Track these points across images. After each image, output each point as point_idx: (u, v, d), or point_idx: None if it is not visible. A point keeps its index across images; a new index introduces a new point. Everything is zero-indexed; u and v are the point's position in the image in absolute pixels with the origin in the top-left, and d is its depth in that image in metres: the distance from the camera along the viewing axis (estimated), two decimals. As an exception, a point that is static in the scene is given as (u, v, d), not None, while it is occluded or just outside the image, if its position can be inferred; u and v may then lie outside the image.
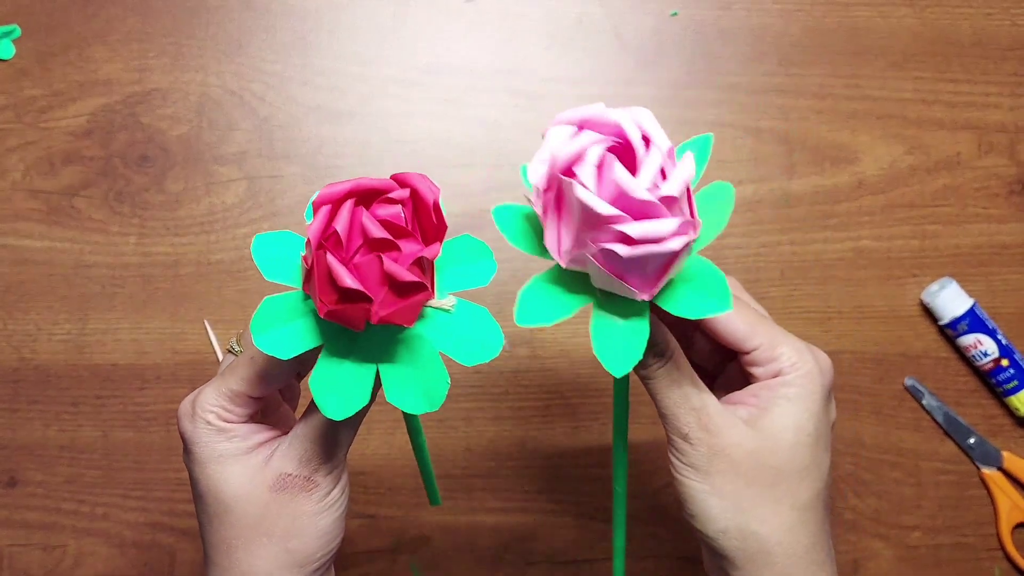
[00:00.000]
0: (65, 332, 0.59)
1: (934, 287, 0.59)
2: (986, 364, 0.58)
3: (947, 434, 0.60)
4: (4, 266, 0.60)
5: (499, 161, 0.61)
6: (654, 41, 0.62)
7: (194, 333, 0.59)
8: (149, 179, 0.61)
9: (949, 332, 0.59)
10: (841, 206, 0.61)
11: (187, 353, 0.59)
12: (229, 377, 0.36)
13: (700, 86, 0.62)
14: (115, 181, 0.60)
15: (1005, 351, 0.58)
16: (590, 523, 0.58)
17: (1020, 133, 0.62)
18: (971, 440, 0.59)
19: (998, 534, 0.59)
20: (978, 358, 0.59)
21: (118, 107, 0.61)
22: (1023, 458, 0.59)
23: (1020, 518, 0.59)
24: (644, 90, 0.62)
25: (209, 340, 0.59)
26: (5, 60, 0.62)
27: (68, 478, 0.58)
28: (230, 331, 0.59)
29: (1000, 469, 0.59)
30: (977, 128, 0.62)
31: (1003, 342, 0.58)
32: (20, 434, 0.59)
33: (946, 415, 0.59)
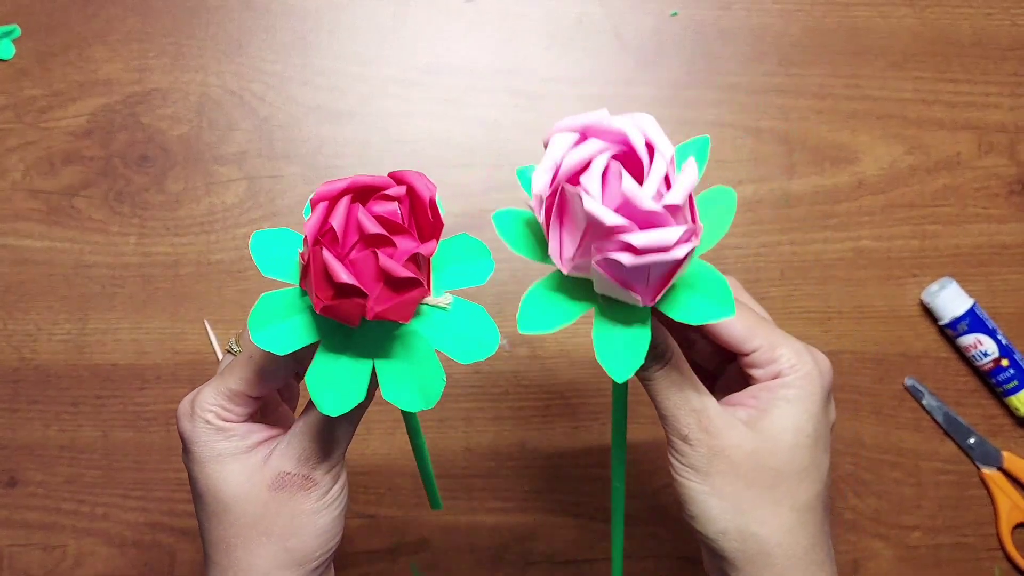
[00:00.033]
0: (65, 332, 0.59)
1: (934, 287, 0.59)
2: (986, 364, 0.58)
3: (947, 434, 0.59)
4: (4, 266, 0.60)
5: (499, 161, 0.61)
6: (654, 41, 0.62)
7: (194, 333, 0.59)
8: (149, 179, 0.61)
9: (949, 332, 0.59)
10: (841, 206, 0.61)
11: (187, 353, 0.59)
12: (228, 376, 0.36)
13: (700, 86, 0.62)
14: (115, 181, 0.61)
15: (1005, 351, 0.58)
16: (590, 523, 0.58)
17: (1020, 133, 0.62)
18: (971, 440, 0.59)
19: (998, 534, 0.59)
20: (978, 358, 0.59)
21: (118, 107, 0.61)
22: (1023, 458, 0.59)
23: (1020, 518, 0.59)
24: (644, 90, 0.62)
25: (209, 340, 0.59)
26: (5, 60, 0.62)
27: (68, 478, 0.58)
28: (230, 331, 0.59)
29: (1000, 469, 0.59)
30: (977, 128, 0.62)
31: (1003, 342, 0.58)
32: (20, 434, 0.59)
33: (946, 415, 0.59)
